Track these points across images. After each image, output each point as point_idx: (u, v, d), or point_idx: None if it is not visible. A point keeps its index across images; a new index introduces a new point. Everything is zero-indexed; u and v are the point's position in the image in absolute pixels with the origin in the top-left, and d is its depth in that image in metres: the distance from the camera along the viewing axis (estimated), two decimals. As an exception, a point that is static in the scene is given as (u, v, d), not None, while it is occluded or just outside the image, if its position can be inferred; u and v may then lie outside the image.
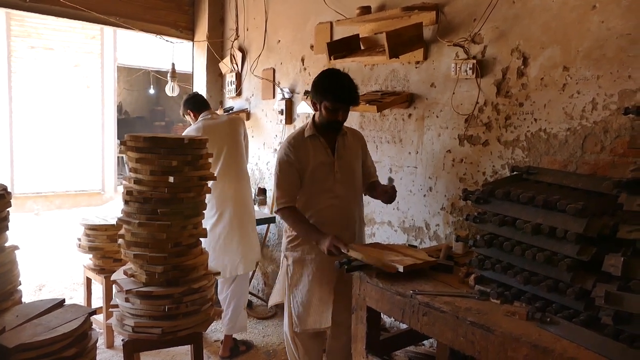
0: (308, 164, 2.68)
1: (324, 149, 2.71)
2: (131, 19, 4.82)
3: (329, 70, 2.73)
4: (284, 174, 2.70)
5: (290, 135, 2.80)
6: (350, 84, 2.64)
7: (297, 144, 2.71)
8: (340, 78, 2.64)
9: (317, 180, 2.70)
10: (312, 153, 2.70)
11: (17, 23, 8.87)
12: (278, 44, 4.39)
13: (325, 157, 2.71)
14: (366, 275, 2.25)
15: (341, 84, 2.61)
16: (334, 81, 2.62)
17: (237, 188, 3.64)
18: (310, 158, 2.69)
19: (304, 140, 2.72)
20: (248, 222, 3.71)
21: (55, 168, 9.43)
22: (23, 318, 2.38)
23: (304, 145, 2.70)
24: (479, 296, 1.94)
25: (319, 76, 2.68)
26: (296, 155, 2.68)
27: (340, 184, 2.72)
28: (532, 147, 2.57)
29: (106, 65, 9.99)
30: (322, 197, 2.71)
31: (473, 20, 2.79)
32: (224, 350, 3.65)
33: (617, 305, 1.50)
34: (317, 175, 2.70)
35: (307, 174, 2.69)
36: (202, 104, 3.84)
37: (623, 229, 1.57)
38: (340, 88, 2.59)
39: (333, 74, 2.67)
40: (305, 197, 2.74)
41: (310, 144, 2.71)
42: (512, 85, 2.64)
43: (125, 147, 2.56)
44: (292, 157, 2.67)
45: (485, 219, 1.99)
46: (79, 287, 5.11)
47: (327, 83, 2.61)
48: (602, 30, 2.26)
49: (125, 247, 2.60)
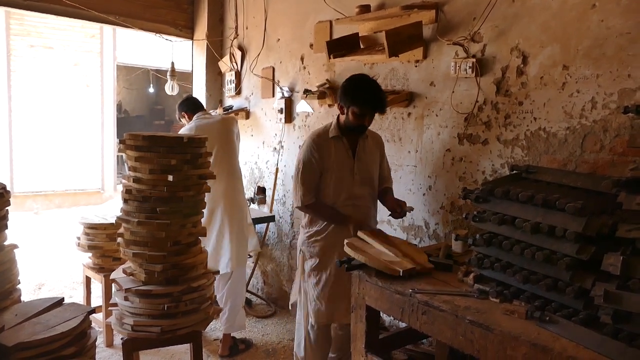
0: (329, 163, 2.79)
1: (345, 151, 2.82)
2: (130, 18, 4.81)
3: (358, 76, 2.78)
4: (308, 172, 2.80)
5: (314, 133, 2.88)
6: (379, 91, 2.71)
7: (320, 143, 2.80)
8: (369, 84, 2.71)
9: (337, 180, 2.80)
10: (334, 153, 2.80)
11: (17, 22, 8.86)
12: (277, 42, 4.39)
13: (346, 159, 2.82)
14: (365, 274, 2.25)
15: (370, 91, 2.68)
16: (363, 87, 2.69)
17: (228, 186, 3.64)
18: (332, 158, 2.79)
19: (328, 140, 2.81)
20: (240, 219, 3.70)
21: (54, 167, 9.43)
22: (22, 317, 2.38)
23: (327, 145, 2.80)
24: (478, 295, 1.94)
25: (348, 81, 2.75)
26: (319, 154, 2.78)
27: (358, 186, 2.84)
28: (532, 146, 2.56)
29: (106, 64, 9.98)
30: (341, 197, 2.81)
31: (473, 19, 2.78)
32: (223, 349, 3.65)
33: (616, 304, 1.50)
34: (337, 175, 2.80)
35: (328, 173, 2.80)
36: (195, 105, 3.90)
37: (622, 228, 1.57)
38: (369, 94, 2.67)
39: (363, 80, 2.73)
40: (322, 195, 2.83)
41: (333, 144, 2.81)
42: (512, 84, 2.64)
43: (124, 146, 2.56)
44: (316, 156, 2.78)
45: (485, 217, 1.99)
46: (78, 285, 5.11)
47: (357, 89, 2.69)
48: (601, 29, 2.26)
49: (125, 245, 2.60)
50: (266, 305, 4.57)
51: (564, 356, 1.52)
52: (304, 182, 2.80)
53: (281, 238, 4.47)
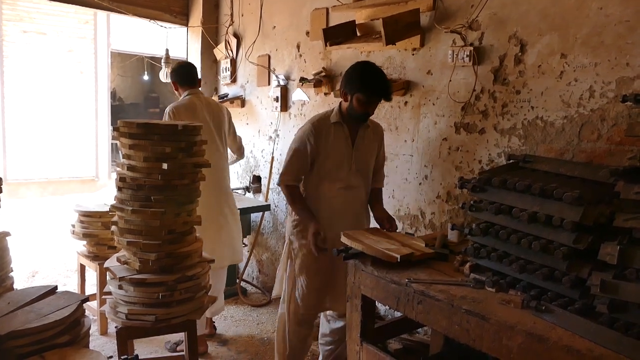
0: (326, 149, 2.74)
1: (344, 139, 2.77)
2: (124, 4, 4.75)
3: (363, 63, 2.72)
4: (298, 157, 2.76)
5: (315, 117, 2.83)
6: (385, 79, 2.66)
7: (320, 127, 2.75)
8: (375, 72, 2.65)
9: (333, 167, 2.76)
10: (333, 140, 2.75)
11: (9, 7, 8.73)
12: (273, 30, 4.34)
13: (345, 147, 2.77)
14: (361, 264, 2.24)
15: (377, 79, 2.62)
16: (369, 75, 2.63)
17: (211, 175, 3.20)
18: (330, 144, 2.74)
19: (329, 125, 2.76)
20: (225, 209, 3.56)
21: (48, 154, 9.35)
22: (15, 305, 2.37)
23: (327, 130, 2.75)
24: (474, 284, 1.94)
25: (354, 68, 2.68)
26: (317, 139, 2.73)
27: (354, 176, 2.79)
28: (529, 135, 2.55)
29: (99, 51, 9.88)
30: (335, 185, 2.77)
31: (470, 6, 2.76)
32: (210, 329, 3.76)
33: (613, 294, 1.50)
34: (334, 163, 2.76)
35: (323, 159, 2.75)
36: (187, 77, 3.50)
37: (619, 218, 1.57)
38: (375, 82, 2.62)
39: (368, 67, 2.67)
40: (317, 181, 2.79)
41: (333, 130, 2.76)
42: (509, 72, 2.62)
43: (118, 133, 2.53)
44: (312, 142, 2.73)
45: (481, 207, 1.98)
46: (72, 274, 5.09)
47: (363, 76, 2.62)
48: (600, 17, 2.24)
49: (119, 234, 2.58)
50: (261, 294, 4.57)
51: (560, 345, 1.52)
52: (290, 164, 2.78)
53: (276, 227, 4.46)
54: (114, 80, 13.13)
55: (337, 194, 2.78)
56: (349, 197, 2.81)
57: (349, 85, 2.66)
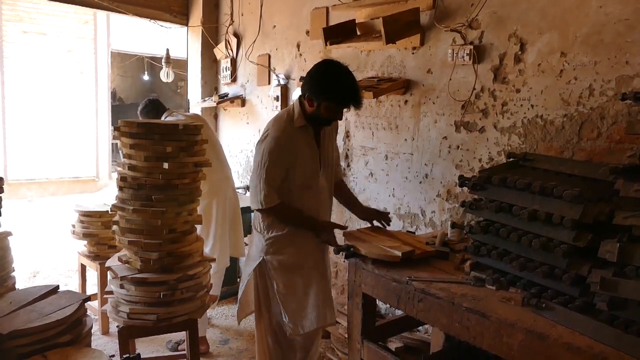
0: (297, 157, 2.45)
1: (310, 142, 2.51)
2: (124, 3, 4.76)
3: (329, 66, 2.44)
4: (273, 167, 2.41)
5: (277, 126, 2.48)
6: (355, 85, 2.39)
7: (287, 137, 2.44)
8: (344, 77, 2.37)
9: (306, 174, 2.50)
10: (302, 146, 2.47)
11: (9, 7, 8.75)
12: (273, 29, 4.35)
13: (313, 150, 2.52)
14: (362, 262, 2.25)
15: (346, 86, 2.36)
16: (338, 82, 2.35)
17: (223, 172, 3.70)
18: (299, 151, 2.46)
19: (294, 131, 2.46)
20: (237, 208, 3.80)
21: (49, 154, 9.37)
22: (17, 304, 2.37)
23: (294, 138, 2.45)
24: (475, 282, 1.94)
25: (319, 72, 2.41)
26: (287, 149, 2.43)
27: (323, 177, 2.57)
28: (529, 134, 2.56)
29: (99, 51, 9.89)
30: (309, 191, 2.52)
31: (470, 5, 2.76)
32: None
33: (613, 291, 1.50)
34: (305, 169, 2.49)
35: (296, 168, 2.46)
36: (156, 107, 3.70)
37: (619, 215, 1.57)
38: (346, 90, 2.35)
39: (336, 72, 2.38)
40: (289, 190, 2.48)
41: (300, 136, 2.47)
42: (509, 71, 2.62)
43: (119, 133, 2.54)
44: (284, 152, 2.42)
45: (482, 205, 1.99)
46: (73, 273, 5.10)
47: (331, 83, 2.35)
48: (600, 16, 2.24)
49: (120, 233, 2.58)
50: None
51: (560, 343, 1.52)
52: (268, 180, 2.40)
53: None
54: (114, 80, 13.12)
55: (311, 198, 2.54)
56: (322, 198, 2.59)
57: (315, 92, 2.37)
